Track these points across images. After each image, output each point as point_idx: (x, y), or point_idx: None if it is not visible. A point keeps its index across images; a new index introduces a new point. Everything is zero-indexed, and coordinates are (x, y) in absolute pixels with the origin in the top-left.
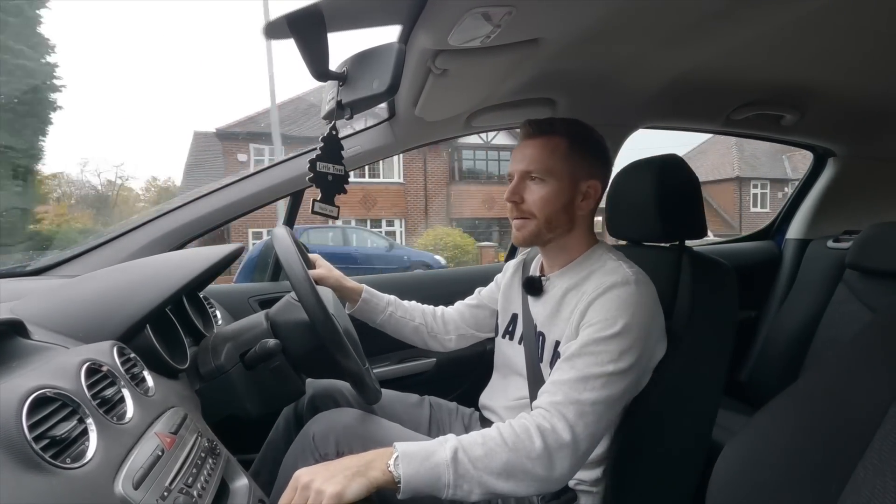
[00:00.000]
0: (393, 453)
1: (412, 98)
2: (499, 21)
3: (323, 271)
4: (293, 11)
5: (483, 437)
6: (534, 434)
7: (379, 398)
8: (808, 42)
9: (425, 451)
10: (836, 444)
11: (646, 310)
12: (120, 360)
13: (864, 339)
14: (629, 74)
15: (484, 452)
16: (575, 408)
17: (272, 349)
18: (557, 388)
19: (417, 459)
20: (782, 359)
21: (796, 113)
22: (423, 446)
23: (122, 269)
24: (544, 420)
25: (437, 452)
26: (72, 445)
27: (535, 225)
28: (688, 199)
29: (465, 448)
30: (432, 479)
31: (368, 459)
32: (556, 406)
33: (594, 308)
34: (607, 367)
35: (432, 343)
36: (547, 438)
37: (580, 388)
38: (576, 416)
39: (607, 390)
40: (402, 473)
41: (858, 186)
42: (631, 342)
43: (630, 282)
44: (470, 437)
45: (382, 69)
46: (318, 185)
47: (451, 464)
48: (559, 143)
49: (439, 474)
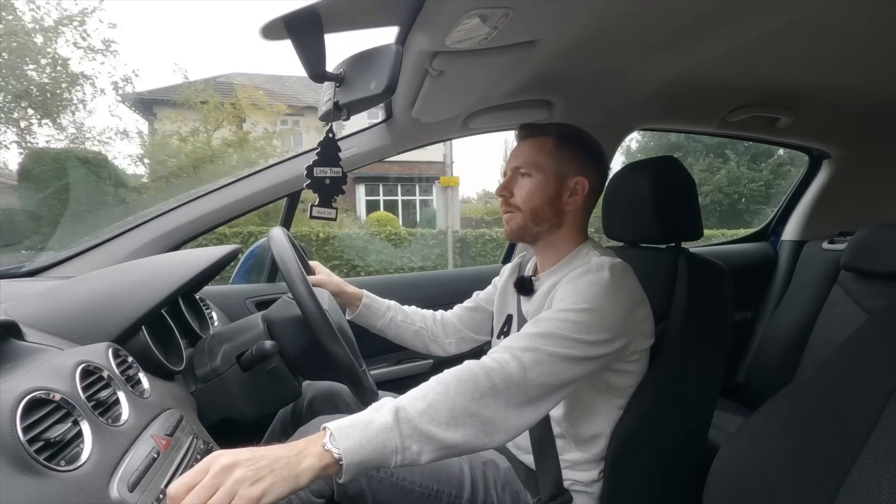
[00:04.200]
0: (326, 433)
1: (409, 99)
2: (496, 23)
3: (323, 277)
4: (290, 12)
5: (423, 390)
6: (478, 373)
7: (376, 399)
8: (803, 45)
9: (363, 421)
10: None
11: (618, 296)
12: (115, 362)
13: (858, 341)
14: (626, 76)
15: (427, 405)
16: (531, 354)
17: (268, 351)
18: (513, 338)
19: (356, 430)
20: (778, 360)
21: (791, 115)
22: (358, 417)
23: (117, 271)
24: (491, 360)
25: (375, 419)
26: (66, 448)
27: (522, 217)
28: (684, 201)
29: (406, 406)
30: (377, 447)
31: (300, 449)
32: (510, 349)
33: (563, 288)
34: (572, 333)
35: (433, 347)
36: (493, 376)
37: (540, 341)
38: (531, 361)
39: (568, 350)
40: (342, 448)
41: (853, 188)
42: (598, 320)
43: (604, 267)
44: (409, 394)
45: (379, 70)
46: (316, 191)
47: (394, 425)
48: (546, 141)
49: (383, 440)
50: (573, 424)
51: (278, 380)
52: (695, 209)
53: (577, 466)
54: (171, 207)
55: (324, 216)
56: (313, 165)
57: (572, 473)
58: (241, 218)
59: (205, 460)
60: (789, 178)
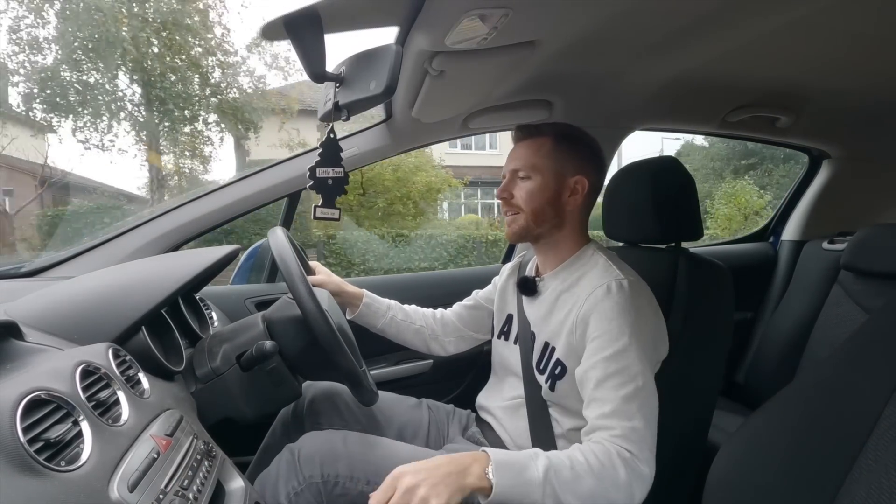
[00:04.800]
0: (488, 460)
1: (409, 100)
2: (495, 23)
3: (323, 277)
4: (290, 12)
5: (570, 461)
6: (617, 463)
7: (376, 400)
8: (802, 45)
9: (519, 464)
10: (832, 444)
11: (644, 313)
12: (115, 362)
13: (858, 341)
14: (625, 77)
15: (572, 477)
16: (636, 404)
17: (268, 351)
18: (613, 398)
19: (513, 472)
20: (778, 360)
21: (791, 115)
22: (516, 458)
23: (117, 271)
24: (623, 449)
25: (529, 467)
26: (66, 448)
27: (524, 219)
28: (684, 201)
29: (556, 468)
30: (523, 493)
31: (466, 465)
32: (627, 414)
33: (594, 319)
34: (637, 381)
35: (434, 346)
36: (630, 468)
37: (628, 413)
38: (639, 442)
39: (649, 405)
40: (496, 483)
41: (853, 188)
42: (640, 348)
43: (623, 286)
44: (558, 458)
45: (379, 71)
46: (319, 192)
47: (542, 483)
48: (544, 141)
49: (530, 491)
50: (574, 425)
51: (278, 380)
52: (695, 209)
53: None
54: (171, 207)
55: (327, 217)
56: (315, 166)
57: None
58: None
59: (389, 478)
60: None
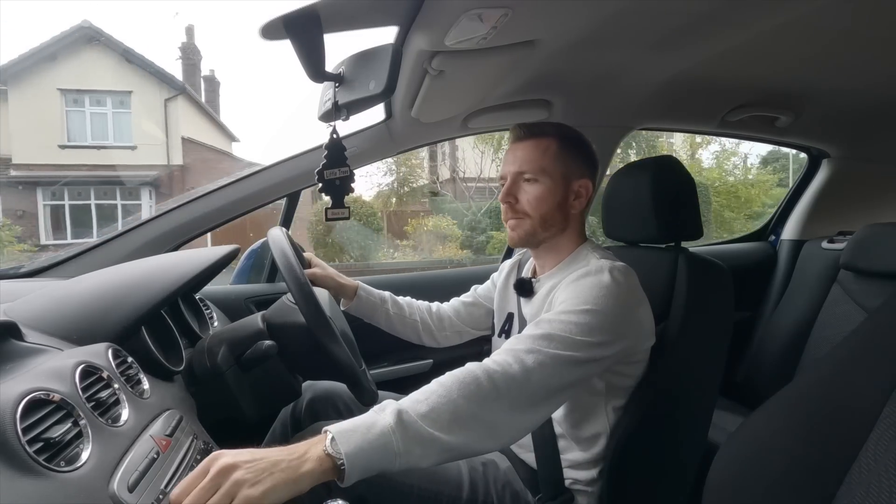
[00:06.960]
0: (327, 436)
1: (409, 99)
2: (495, 23)
3: (318, 270)
4: (290, 12)
5: (425, 393)
6: (481, 376)
7: (376, 400)
8: (802, 44)
9: (364, 425)
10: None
11: (619, 297)
12: (115, 362)
13: (857, 340)
14: (625, 76)
15: (429, 408)
16: (534, 356)
17: (268, 351)
18: (515, 340)
19: (358, 434)
20: (777, 359)
21: (791, 115)
22: (359, 420)
23: (117, 271)
24: (493, 363)
25: (377, 422)
26: (66, 448)
27: (531, 224)
28: (684, 200)
29: (408, 409)
30: (379, 450)
31: (301, 452)
32: (512, 351)
33: (564, 290)
34: (574, 335)
35: (427, 339)
36: (496, 379)
37: (542, 343)
38: (534, 363)
39: (571, 352)
40: (343, 452)
41: (852, 188)
42: (600, 322)
43: (604, 270)
44: (411, 397)
45: (379, 70)
46: (328, 193)
47: (396, 428)
48: (550, 143)
49: (385, 443)
50: (574, 424)
51: (278, 380)
52: (695, 209)
53: (578, 466)
54: (170, 207)
55: (338, 216)
56: (323, 169)
57: (573, 473)
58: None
59: (205, 461)
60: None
